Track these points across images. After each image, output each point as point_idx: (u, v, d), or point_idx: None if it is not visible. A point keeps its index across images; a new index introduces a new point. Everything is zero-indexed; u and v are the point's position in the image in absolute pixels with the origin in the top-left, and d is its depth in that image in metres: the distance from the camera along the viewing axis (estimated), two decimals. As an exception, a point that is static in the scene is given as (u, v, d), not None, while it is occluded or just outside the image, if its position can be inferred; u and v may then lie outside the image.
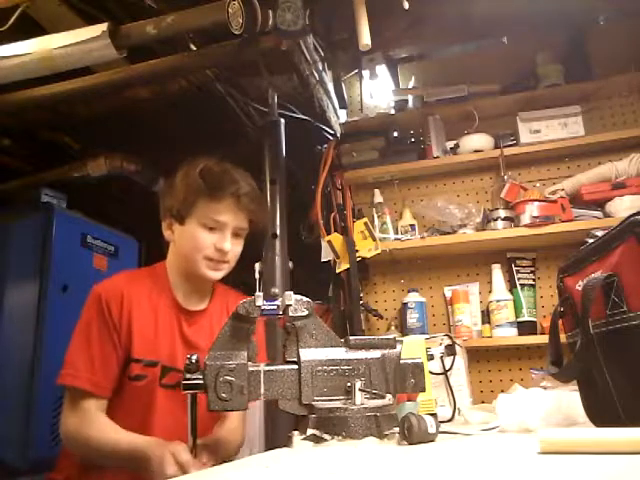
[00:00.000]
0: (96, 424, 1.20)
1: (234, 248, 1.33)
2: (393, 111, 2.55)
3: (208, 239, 1.30)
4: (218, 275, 1.34)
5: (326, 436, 0.83)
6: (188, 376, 0.91)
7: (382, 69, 2.55)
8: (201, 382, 0.89)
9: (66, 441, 1.25)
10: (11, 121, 2.12)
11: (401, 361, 0.94)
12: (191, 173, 1.32)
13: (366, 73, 2.50)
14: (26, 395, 2.12)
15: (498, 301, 2.24)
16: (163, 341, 1.29)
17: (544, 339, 1.99)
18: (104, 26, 1.64)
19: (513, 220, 2.23)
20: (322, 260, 2.30)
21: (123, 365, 1.26)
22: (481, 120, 2.40)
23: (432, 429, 0.81)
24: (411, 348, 1.12)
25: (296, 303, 0.92)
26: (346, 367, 0.91)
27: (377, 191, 2.48)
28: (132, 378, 1.25)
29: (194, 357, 0.92)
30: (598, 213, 2.16)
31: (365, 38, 1.53)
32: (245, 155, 2.00)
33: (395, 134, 2.51)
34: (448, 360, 1.53)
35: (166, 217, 1.36)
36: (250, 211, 1.34)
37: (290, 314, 0.91)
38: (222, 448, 1.23)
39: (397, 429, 0.83)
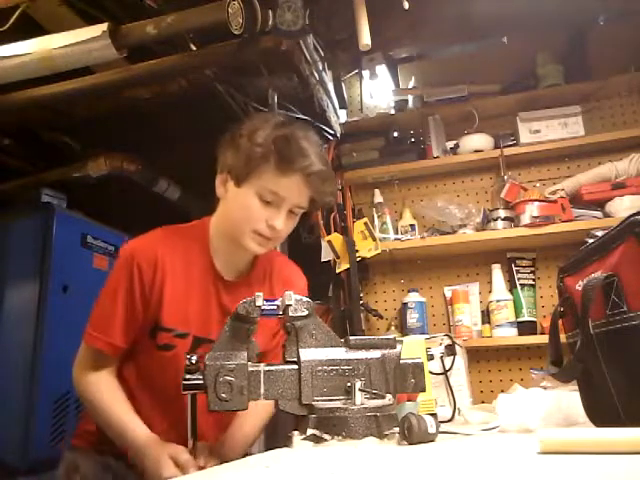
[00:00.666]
0: (108, 394, 1.19)
1: (287, 226, 1.22)
2: (393, 111, 2.55)
3: (262, 213, 1.17)
4: (263, 250, 1.23)
5: (326, 436, 0.83)
6: (188, 376, 0.91)
7: (382, 69, 2.55)
8: (201, 382, 0.89)
9: (77, 391, 1.24)
10: (11, 121, 2.12)
11: (401, 361, 0.94)
12: (262, 135, 1.17)
13: (366, 73, 2.50)
14: (26, 395, 2.12)
15: (498, 301, 2.24)
16: (197, 310, 1.21)
17: (544, 339, 1.99)
18: (104, 26, 1.64)
19: (513, 220, 2.23)
20: (322, 260, 2.30)
21: (150, 332, 1.20)
22: (481, 120, 2.40)
23: (432, 429, 0.81)
24: (411, 348, 1.12)
25: (296, 303, 0.92)
26: (346, 367, 0.91)
27: (377, 191, 2.48)
28: (160, 347, 1.19)
29: (194, 358, 0.91)
30: (598, 213, 2.16)
31: (365, 38, 1.53)
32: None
33: (395, 134, 2.51)
34: (448, 360, 1.53)
35: (223, 172, 1.23)
36: (317, 192, 1.21)
37: (290, 314, 0.91)
38: (228, 447, 1.21)
39: (397, 429, 0.83)
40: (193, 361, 0.91)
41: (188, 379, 0.91)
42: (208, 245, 1.26)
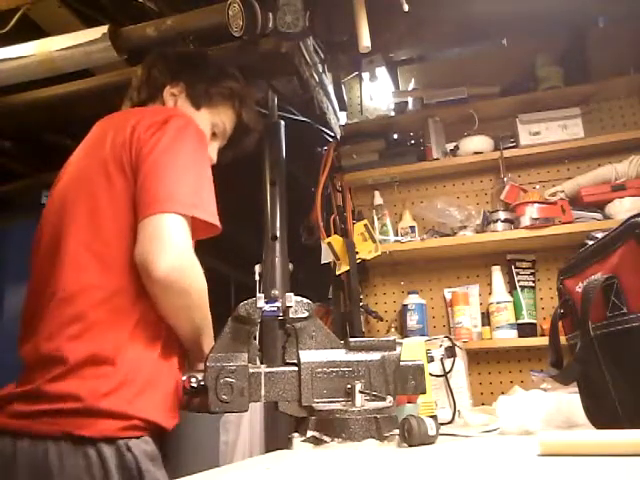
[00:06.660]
0: None
1: None
2: (393, 113, 2.55)
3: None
4: None
5: (326, 438, 0.83)
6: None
7: (382, 71, 2.55)
8: (202, 383, 0.89)
9: (187, 279, 0.99)
10: (12, 123, 2.12)
11: (401, 363, 0.94)
12: (238, 79, 1.34)
13: (366, 75, 2.50)
14: (26, 397, 2.12)
15: (498, 303, 2.24)
16: None
17: (544, 341, 1.98)
18: (104, 28, 1.65)
19: (513, 222, 2.23)
20: (322, 262, 2.30)
21: None
22: (481, 122, 2.40)
23: (432, 431, 0.81)
24: (411, 350, 1.12)
25: (296, 305, 0.92)
26: (346, 369, 0.91)
27: (377, 193, 2.48)
28: None
29: (193, 379, 0.92)
30: (598, 215, 2.16)
31: (365, 40, 1.52)
32: (245, 156, 2.00)
33: (395, 136, 2.51)
34: (448, 362, 1.53)
35: (178, 84, 1.27)
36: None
37: (290, 316, 0.92)
38: None
39: (397, 431, 0.83)
40: (194, 384, 0.92)
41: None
42: None
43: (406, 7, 1.54)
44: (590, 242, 0.92)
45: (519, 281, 2.28)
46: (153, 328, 1.02)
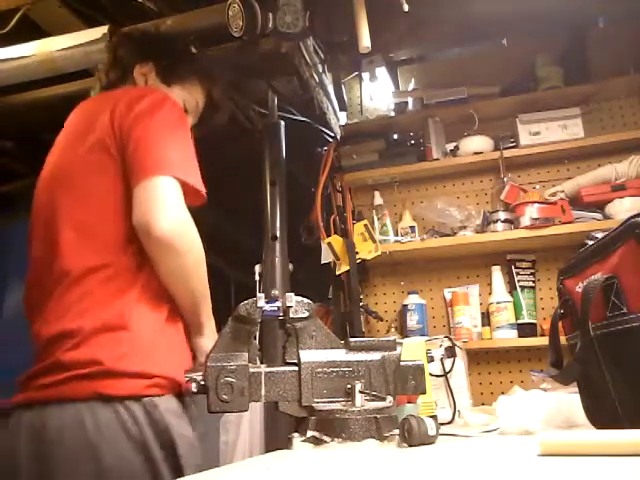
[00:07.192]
0: None
1: None
2: (393, 113, 2.56)
3: None
4: None
5: (326, 438, 0.83)
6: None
7: (382, 71, 2.55)
8: (202, 383, 0.89)
9: (183, 238, 1.02)
10: (12, 123, 2.12)
11: (401, 363, 0.94)
12: (210, 66, 1.36)
13: (366, 75, 2.50)
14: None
15: (498, 303, 2.24)
16: None
17: (544, 341, 1.99)
18: (104, 28, 1.65)
19: (513, 222, 2.23)
20: (322, 262, 2.30)
21: None
22: (481, 122, 2.40)
23: (432, 431, 0.81)
24: (411, 350, 1.12)
25: (297, 305, 0.92)
26: (346, 369, 0.91)
27: (377, 193, 2.48)
28: None
29: (194, 382, 0.93)
30: (598, 215, 2.16)
31: (365, 40, 1.53)
32: (245, 157, 2.00)
33: (395, 136, 2.51)
34: (448, 362, 1.53)
35: (148, 61, 1.28)
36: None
37: (290, 315, 0.92)
38: None
39: (397, 431, 0.83)
40: (194, 389, 0.92)
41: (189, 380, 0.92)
42: None
43: (406, 7, 1.54)
44: (590, 242, 0.92)
45: (519, 281, 2.28)
46: (156, 295, 1.06)
